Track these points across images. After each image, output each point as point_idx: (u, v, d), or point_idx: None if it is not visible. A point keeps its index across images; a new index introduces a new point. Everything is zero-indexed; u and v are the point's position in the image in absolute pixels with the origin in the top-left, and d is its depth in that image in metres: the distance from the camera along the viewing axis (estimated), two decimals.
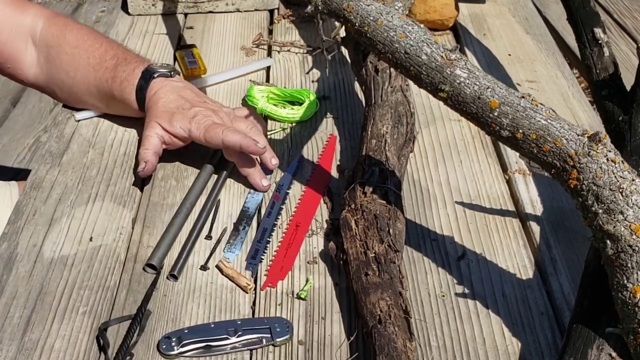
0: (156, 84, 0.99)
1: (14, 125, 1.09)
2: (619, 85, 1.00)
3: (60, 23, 1.07)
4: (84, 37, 1.05)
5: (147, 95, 0.99)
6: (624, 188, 0.64)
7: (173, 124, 0.95)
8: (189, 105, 0.97)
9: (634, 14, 1.91)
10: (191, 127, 0.95)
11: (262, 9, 1.44)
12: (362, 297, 0.75)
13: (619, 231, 0.63)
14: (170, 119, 0.95)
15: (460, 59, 0.72)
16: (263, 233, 0.90)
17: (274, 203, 0.94)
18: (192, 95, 1.00)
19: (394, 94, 1.00)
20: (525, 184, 0.99)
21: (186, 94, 0.99)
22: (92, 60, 1.03)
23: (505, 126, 0.70)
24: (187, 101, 0.98)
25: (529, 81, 1.23)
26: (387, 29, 0.74)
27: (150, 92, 0.99)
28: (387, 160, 0.91)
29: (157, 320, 0.78)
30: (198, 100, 0.99)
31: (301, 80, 1.22)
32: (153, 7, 1.42)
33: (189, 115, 0.95)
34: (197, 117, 0.95)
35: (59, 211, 0.93)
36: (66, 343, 0.76)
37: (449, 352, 0.75)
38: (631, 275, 0.62)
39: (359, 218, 0.83)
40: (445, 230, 0.91)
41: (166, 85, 0.99)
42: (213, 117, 0.96)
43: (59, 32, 1.05)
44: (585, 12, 1.08)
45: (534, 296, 0.82)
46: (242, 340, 0.75)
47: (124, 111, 1.06)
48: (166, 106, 0.97)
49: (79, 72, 1.03)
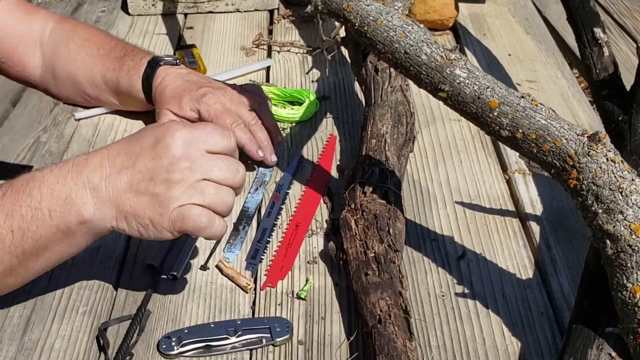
0: (162, 72, 1.00)
1: (14, 125, 1.09)
2: (619, 85, 1.00)
3: (72, 22, 1.11)
4: (94, 33, 1.09)
5: (154, 85, 1.00)
6: (624, 188, 0.64)
7: (182, 106, 0.96)
8: (195, 87, 0.98)
9: (634, 14, 1.91)
10: (200, 108, 0.96)
11: (262, 9, 1.45)
12: (362, 297, 0.75)
13: (619, 231, 0.63)
14: (180, 103, 0.97)
15: (459, 59, 0.72)
16: (263, 233, 0.90)
17: (274, 203, 0.94)
18: (197, 77, 1.02)
19: (394, 93, 1.00)
20: (525, 184, 0.99)
21: (191, 78, 1.01)
22: (101, 51, 1.05)
23: (505, 126, 0.70)
24: (193, 83, 0.99)
25: (528, 81, 1.23)
26: (387, 29, 0.74)
27: (156, 80, 1.00)
28: (387, 160, 0.91)
29: (157, 320, 0.78)
30: (204, 82, 1.01)
31: (301, 80, 1.22)
32: (153, 7, 1.42)
33: (197, 96, 0.97)
34: (206, 97, 0.97)
35: None
36: (66, 343, 0.76)
37: (449, 352, 0.75)
38: (631, 275, 0.62)
39: (359, 218, 0.83)
40: (445, 230, 0.91)
41: (171, 73, 1.01)
42: (221, 98, 0.97)
43: (70, 27, 1.08)
44: (585, 12, 1.08)
45: (534, 296, 0.82)
46: (242, 340, 0.75)
47: (127, 102, 1.06)
48: (174, 91, 0.98)
49: (86, 61, 1.05)
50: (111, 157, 0.71)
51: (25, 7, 1.07)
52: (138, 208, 0.70)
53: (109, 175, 0.70)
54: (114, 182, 0.70)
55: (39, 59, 1.07)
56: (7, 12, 1.03)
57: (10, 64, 1.06)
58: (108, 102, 1.08)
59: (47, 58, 1.07)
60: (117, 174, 0.70)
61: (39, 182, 0.70)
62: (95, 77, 1.05)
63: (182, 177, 0.69)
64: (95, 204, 0.70)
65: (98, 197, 0.70)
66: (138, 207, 0.70)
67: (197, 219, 0.70)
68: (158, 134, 0.71)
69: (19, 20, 1.05)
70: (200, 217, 0.70)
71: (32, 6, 1.10)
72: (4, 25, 1.03)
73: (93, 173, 0.70)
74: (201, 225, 0.70)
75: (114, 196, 0.70)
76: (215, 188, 0.70)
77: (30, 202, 0.69)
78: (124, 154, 0.71)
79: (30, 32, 1.06)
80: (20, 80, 1.10)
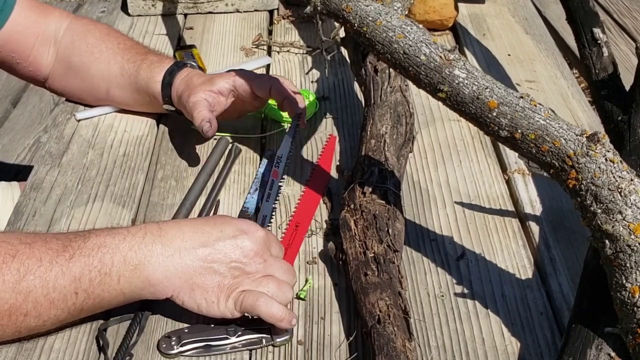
0: (187, 70, 1.02)
1: (14, 126, 1.09)
2: (618, 85, 1.00)
3: (89, 19, 1.14)
4: (113, 30, 1.11)
5: (177, 78, 1.00)
6: (623, 188, 0.64)
7: (215, 82, 0.98)
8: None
9: (633, 14, 1.91)
10: (234, 79, 0.98)
11: (261, 10, 1.45)
12: (361, 297, 0.75)
13: (618, 231, 0.63)
14: (212, 80, 0.99)
15: (458, 59, 0.72)
16: (263, 221, 0.89)
17: (273, 181, 0.92)
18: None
19: (393, 94, 1.00)
20: (525, 184, 0.99)
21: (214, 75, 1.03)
22: (122, 45, 1.06)
23: (504, 126, 0.70)
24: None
25: (528, 81, 1.23)
26: (386, 30, 0.74)
27: (180, 75, 1.01)
28: (387, 160, 0.91)
29: (157, 320, 0.78)
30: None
31: (301, 80, 1.22)
32: (153, 8, 1.42)
33: (229, 75, 0.99)
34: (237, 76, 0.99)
35: (59, 212, 0.93)
36: (66, 343, 0.76)
37: (448, 352, 0.76)
38: (630, 275, 0.62)
39: (358, 218, 0.83)
40: (445, 231, 0.91)
41: (198, 72, 1.03)
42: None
43: (88, 22, 1.11)
44: (585, 12, 1.09)
45: (533, 296, 0.82)
46: (242, 340, 0.75)
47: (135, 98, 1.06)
48: (202, 76, 1.00)
49: (104, 54, 1.05)
50: (187, 233, 0.75)
51: (41, 7, 1.07)
52: (209, 284, 0.74)
53: (185, 248, 0.74)
54: (190, 255, 0.74)
55: (52, 56, 1.07)
56: (23, 15, 1.03)
57: (25, 64, 1.06)
58: (115, 98, 1.08)
59: (61, 52, 1.07)
60: (195, 249, 0.74)
61: (111, 249, 0.72)
62: (111, 69, 1.05)
63: (255, 269, 0.76)
64: (164, 272, 0.73)
65: (170, 267, 0.73)
66: (209, 283, 0.74)
67: (263, 304, 0.74)
68: (241, 227, 0.77)
69: (35, 22, 1.05)
70: (267, 303, 0.74)
71: (47, 6, 1.10)
72: (21, 27, 1.03)
73: (168, 244, 0.74)
74: (264, 309, 0.74)
75: (188, 268, 0.74)
76: (277, 284, 0.76)
77: (101, 267, 0.71)
78: (201, 233, 0.75)
79: (45, 31, 1.06)
80: (29, 77, 1.10)
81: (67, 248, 0.71)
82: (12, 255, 0.69)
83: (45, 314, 0.71)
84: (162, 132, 1.09)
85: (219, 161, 1.00)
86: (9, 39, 1.02)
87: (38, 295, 0.69)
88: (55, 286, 0.70)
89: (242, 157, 1.03)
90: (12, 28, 1.02)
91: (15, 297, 0.68)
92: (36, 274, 0.69)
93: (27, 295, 0.69)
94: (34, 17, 1.05)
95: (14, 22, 1.02)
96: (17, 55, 1.05)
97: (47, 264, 0.70)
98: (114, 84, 1.06)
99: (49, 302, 0.70)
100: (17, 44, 1.04)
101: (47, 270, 0.69)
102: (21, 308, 0.69)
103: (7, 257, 0.69)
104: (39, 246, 0.71)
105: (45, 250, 0.70)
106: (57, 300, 0.70)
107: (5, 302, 0.68)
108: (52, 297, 0.70)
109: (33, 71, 1.08)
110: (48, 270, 0.69)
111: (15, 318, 0.70)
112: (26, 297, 0.69)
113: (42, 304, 0.70)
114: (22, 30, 1.04)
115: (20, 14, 1.03)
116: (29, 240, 0.71)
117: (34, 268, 0.69)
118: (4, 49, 1.03)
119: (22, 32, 1.03)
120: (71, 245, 0.72)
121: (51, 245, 0.71)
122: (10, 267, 0.69)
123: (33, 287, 0.69)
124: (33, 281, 0.69)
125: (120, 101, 1.09)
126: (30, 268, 0.69)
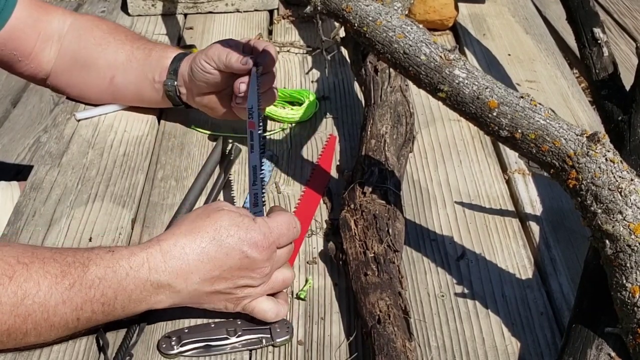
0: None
1: (14, 126, 1.09)
2: (619, 85, 1.00)
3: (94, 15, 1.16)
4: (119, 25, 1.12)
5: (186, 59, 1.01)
6: (623, 188, 0.64)
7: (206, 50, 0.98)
8: None
9: (634, 14, 1.91)
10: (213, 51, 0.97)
11: (261, 10, 1.45)
12: (361, 297, 0.75)
13: (618, 231, 0.63)
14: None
15: (459, 59, 0.72)
16: (254, 172, 0.86)
17: (252, 133, 0.88)
18: None
19: (394, 94, 1.00)
20: (525, 184, 0.99)
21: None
22: (129, 37, 1.07)
23: (504, 126, 0.70)
24: None
25: (528, 81, 1.23)
26: (386, 29, 0.74)
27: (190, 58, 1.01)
28: (387, 160, 0.91)
29: (157, 320, 0.78)
30: None
31: (301, 80, 1.22)
32: (153, 8, 1.42)
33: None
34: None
35: (59, 212, 0.93)
36: (66, 343, 0.76)
37: (449, 352, 0.75)
38: (630, 274, 0.62)
39: (359, 218, 0.83)
40: (445, 230, 0.91)
41: None
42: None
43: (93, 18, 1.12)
44: (585, 12, 1.09)
45: (534, 296, 0.82)
46: (242, 340, 0.75)
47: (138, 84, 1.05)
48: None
49: (112, 45, 1.06)
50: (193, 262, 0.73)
51: (42, 5, 1.07)
52: (216, 301, 0.76)
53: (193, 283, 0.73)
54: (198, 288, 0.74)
55: (54, 53, 1.07)
56: (24, 13, 1.03)
57: (27, 62, 1.06)
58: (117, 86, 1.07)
59: (66, 47, 1.07)
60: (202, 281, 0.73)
61: (114, 285, 0.71)
62: (118, 57, 1.05)
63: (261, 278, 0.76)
64: (171, 303, 0.74)
65: (177, 300, 0.74)
66: (216, 300, 0.76)
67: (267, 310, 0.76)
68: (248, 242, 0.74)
69: (37, 20, 1.05)
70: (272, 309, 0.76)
71: (50, 5, 1.10)
72: (23, 25, 1.03)
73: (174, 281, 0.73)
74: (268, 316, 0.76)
75: (194, 297, 0.75)
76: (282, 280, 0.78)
77: (104, 301, 0.71)
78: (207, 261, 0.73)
79: (47, 29, 1.06)
80: (30, 75, 1.10)
81: (66, 275, 0.70)
82: (9, 277, 0.68)
83: (46, 334, 0.71)
84: (162, 132, 1.09)
85: (219, 161, 1.00)
86: (10, 37, 1.02)
87: (38, 319, 0.69)
88: (55, 312, 0.69)
89: (242, 157, 1.03)
90: (14, 26, 1.02)
91: (14, 319, 0.68)
92: (35, 299, 0.68)
93: (26, 317, 0.69)
94: (35, 15, 1.05)
95: (15, 20, 1.02)
96: (19, 53, 1.05)
97: (45, 289, 0.69)
98: (120, 71, 1.06)
99: (49, 325, 0.70)
100: (19, 42, 1.04)
101: (47, 296, 0.69)
102: (21, 328, 0.69)
103: (4, 279, 0.68)
104: (37, 268, 0.69)
105: (43, 274, 0.69)
106: (58, 323, 0.70)
107: (4, 323, 0.68)
108: (53, 321, 0.70)
109: (34, 68, 1.08)
110: (48, 296, 0.69)
111: (14, 336, 0.70)
112: (25, 319, 0.69)
113: (42, 326, 0.70)
114: (24, 28, 1.04)
115: (22, 12, 1.03)
116: (26, 260, 0.70)
117: (32, 293, 0.68)
118: (6, 47, 1.03)
119: (23, 30, 1.04)
120: (70, 272, 0.70)
121: (49, 268, 0.70)
122: (7, 289, 0.68)
123: (32, 311, 0.69)
124: (32, 306, 0.68)
125: (122, 89, 1.07)
126: (28, 292, 0.68)
